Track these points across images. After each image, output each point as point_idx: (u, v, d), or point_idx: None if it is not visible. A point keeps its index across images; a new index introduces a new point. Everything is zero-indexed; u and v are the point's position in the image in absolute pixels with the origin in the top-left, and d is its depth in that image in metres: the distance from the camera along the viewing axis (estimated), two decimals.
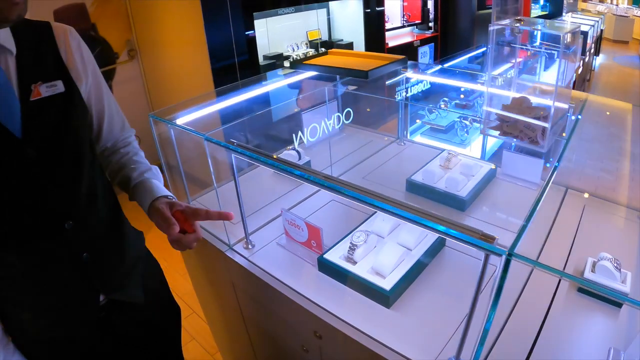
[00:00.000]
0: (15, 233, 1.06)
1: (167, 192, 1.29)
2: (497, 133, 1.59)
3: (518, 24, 1.47)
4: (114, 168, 1.37)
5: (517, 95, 1.61)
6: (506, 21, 1.54)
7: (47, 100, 1.07)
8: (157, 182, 1.33)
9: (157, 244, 4.01)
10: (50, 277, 1.15)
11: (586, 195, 1.84)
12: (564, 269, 1.45)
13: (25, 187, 1.05)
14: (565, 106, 1.73)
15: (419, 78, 2.29)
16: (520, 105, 1.56)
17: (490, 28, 1.58)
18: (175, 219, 1.18)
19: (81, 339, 1.29)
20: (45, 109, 1.06)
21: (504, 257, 0.88)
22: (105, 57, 4.27)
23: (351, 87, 2.36)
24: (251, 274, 1.52)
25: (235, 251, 1.61)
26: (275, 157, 1.32)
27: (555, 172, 1.24)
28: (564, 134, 1.61)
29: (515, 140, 1.53)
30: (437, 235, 1.50)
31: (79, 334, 1.27)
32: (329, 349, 1.39)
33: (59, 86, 1.09)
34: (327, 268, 1.45)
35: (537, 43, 1.97)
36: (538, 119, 1.43)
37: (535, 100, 1.60)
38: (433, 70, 2.49)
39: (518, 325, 1.25)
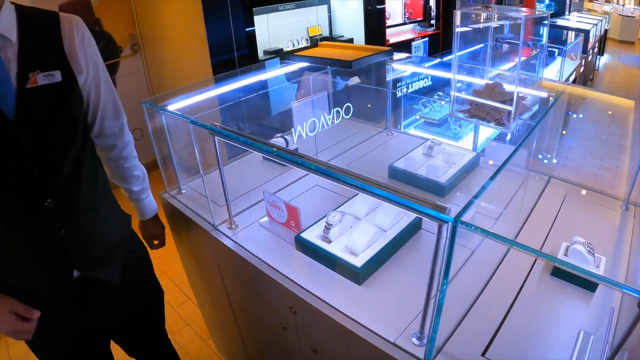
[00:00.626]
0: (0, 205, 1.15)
1: (150, 215, 1.71)
2: (465, 115, 1.64)
3: (483, 10, 1.52)
4: (110, 167, 1.54)
5: (490, 82, 1.65)
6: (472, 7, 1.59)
7: (43, 88, 1.12)
8: (148, 203, 1.68)
9: None
10: (27, 247, 1.23)
11: (569, 184, 1.88)
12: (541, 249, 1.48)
13: (10, 167, 1.12)
14: (543, 94, 1.77)
15: (413, 70, 2.34)
16: (492, 90, 1.61)
17: (456, 11, 1.63)
18: None
19: (57, 313, 1.36)
20: (40, 97, 1.12)
21: (450, 224, 0.93)
22: (109, 51, 4.34)
23: (353, 81, 2.41)
24: (234, 253, 1.58)
25: (220, 231, 1.68)
26: (254, 138, 1.38)
27: (516, 152, 1.29)
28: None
29: (482, 122, 1.58)
30: (412, 217, 1.57)
31: (53, 307, 1.34)
32: (303, 324, 1.45)
33: (57, 76, 1.15)
34: (304, 246, 1.51)
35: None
36: (505, 101, 1.48)
37: (507, 87, 1.64)
38: (431, 63, 2.53)
39: (487, 305, 1.29)
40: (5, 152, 1.10)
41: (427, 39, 6.02)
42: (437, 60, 2.58)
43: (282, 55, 2.33)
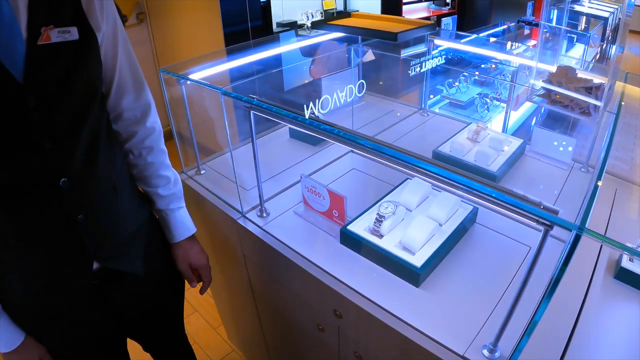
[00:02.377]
0: (7, 186, 0.97)
1: (186, 235, 1.37)
2: (544, 101, 1.46)
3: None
4: (134, 164, 1.29)
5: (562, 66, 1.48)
6: None
7: (57, 46, 0.96)
8: (180, 217, 1.36)
9: None
10: (42, 236, 1.06)
11: (614, 178, 1.72)
12: (599, 254, 1.34)
13: (18, 139, 0.95)
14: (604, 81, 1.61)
15: (451, 46, 2.15)
16: (566, 74, 1.43)
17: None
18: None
19: (72, 308, 1.20)
20: (52, 56, 0.95)
21: (574, 232, 0.75)
22: None
23: (367, 57, 2.23)
24: (265, 243, 1.41)
25: (249, 219, 1.50)
26: (300, 114, 1.20)
27: (609, 152, 1.12)
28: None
29: (564, 110, 1.40)
30: (468, 210, 1.40)
31: (69, 302, 1.18)
32: (348, 329, 1.29)
33: (73, 33, 0.98)
34: (351, 241, 1.33)
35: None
36: (590, 89, 1.30)
37: (582, 74, 1.48)
38: (467, 39, 2.34)
39: (555, 313, 1.13)
40: (12, 120, 0.92)
41: (455, 16, 5.81)
42: (473, 36, 2.39)
43: (312, 25, 2.13)
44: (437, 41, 2.08)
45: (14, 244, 1.04)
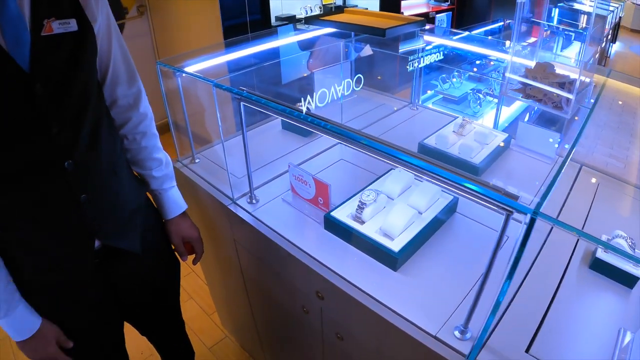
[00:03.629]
0: (16, 168, 1.04)
1: (178, 211, 1.48)
2: (519, 95, 1.52)
3: None
4: (128, 149, 1.37)
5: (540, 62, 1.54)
6: None
7: (59, 37, 1.03)
8: (172, 196, 1.46)
9: None
10: (46, 216, 1.12)
11: (600, 174, 1.77)
12: (576, 244, 1.39)
13: (29, 123, 1.02)
14: (588, 80, 1.66)
15: (441, 43, 2.20)
16: (544, 70, 1.49)
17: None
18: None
19: (75, 285, 1.27)
20: (55, 46, 1.02)
21: (529, 215, 0.82)
22: (114, 12, 4.15)
23: (365, 51, 2.28)
24: (254, 229, 1.47)
25: (239, 205, 1.56)
26: (288, 105, 1.25)
27: (577, 142, 1.18)
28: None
29: (537, 103, 1.46)
30: (448, 199, 1.46)
31: (73, 279, 1.25)
32: (330, 310, 1.35)
33: (72, 24, 1.05)
34: (334, 226, 1.39)
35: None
36: (563, 84, 1.36)
37: (558, 70, 1.54)
38: (460, 36, 2.39)
39: (528, 299, 1.20)
40: (20, 107, 0.99)
41: (449, 12, 5.84)
42: (465, 34, 2.45)
43: (306, 20, 2.18)
44: (427, 37, 2.14)
45: (21, 224, 1.11)
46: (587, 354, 1.06)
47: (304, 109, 1.48)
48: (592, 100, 1.43)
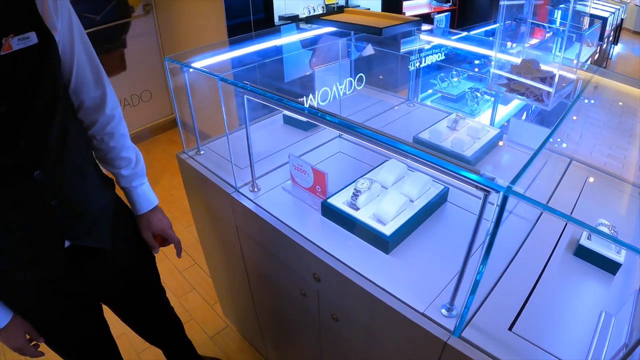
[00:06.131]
0: None
1: (148, 207, 1.52)
2: (503, 90, 1.60)
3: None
4: (94, 147, 1.40)
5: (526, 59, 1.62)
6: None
7: (19, 53, 1.02)
8: (142, 193, 1.50)
9: (164, 197, 4.07)
10: (17, 220, 1.16)
11: (591, 169, 1.84)
12: (561, 233, 1.47)
13: None
14: (573, 76, 1.73)
15: (439, 42, 2.28)
16: (529, 67, 1.57)
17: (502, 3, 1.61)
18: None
19: (49, 282, 1.32)
20: (17, 63, 1.02)
21: (501, 193, 0.90)
22: (121, 10, 4.26)
23: (367, 50, 2.36)
24: (256, 216, 1.55)
25: (241, 193, 1.64)
26: (288, 97, 1.34)
27: (556, 130, 1.26)
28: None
29: (521, 97, 1.54)
30: (439, 189, 1.54)
31: (46, 277, 1.30)
32: (326, 291, 1.43)
33: (32, 38, 1.04)
34: (330, 213, 1.48)
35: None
36: (544, 79, 1.45)
37: (543, 67, 1.61)
38: (457, 37, 2.47)
39: (513, 281, 1.27)
40: None
41: (448, 13, 5.91)
42: (463, 34, 2.52)
43: (306, 19, 2.26)
44: (425, 37, 2.22)
45: None
46: (568, 335, 1.12)
47: (311, 104, 1.56)
48: (580, 94, 1.50)
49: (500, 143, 1.93)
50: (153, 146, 4.64)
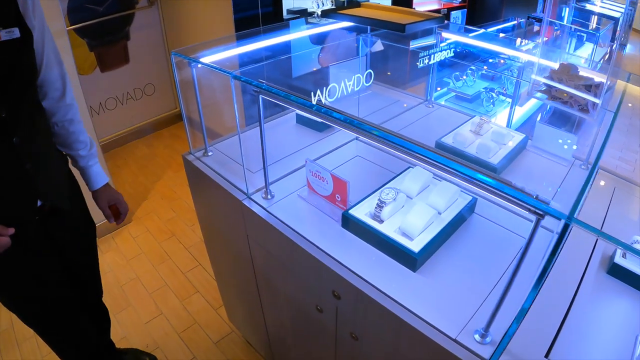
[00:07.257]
0: None
1: (103, 182, 1.76)
2: (544, 97, 1.49)
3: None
4: (55, 132, 1.62)
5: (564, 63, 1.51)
6: None
7: (6, 43, 1.25)
8: (97, 170, 1.74)
9: (166, 194, 3.98)
10: (0, 182, 1.36)
11: (612, 176, 1.74)
12: (593, 249, 1.37)
13: None
14: (611, 83, 1.63)
15: (457, 40, 2.17)
16: (568, 71, 1.46)
17: None
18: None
19: (22, 244, 1.47)
20: (3, 51, 1.24)
21: (563, 221, 0.79)
22: (124, 2, 4.16)
23: (376, 47, 2.25)
24: (269, 225, 1.45)
25: (254, 200, 1.54)
26: (307, 99, 1.23)
27: (603, 150, 1.15)
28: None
29: (563, 106, 1.43)
30: (467, 200, 1.44)
31: (20, 237, 1.44)
32: (346, 309, 1.33)
33: (15, 32, 1.27)
34: (352, 225, 1.37)
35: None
36: (589, 87, 1.34)
37: (584, 72, 1.51)
38: (475, 34, 2.36)
39: (547, 303, 1.18)
40: None
41: (465, 9, 5.80)
42: (481, 31, 2.41)
43: (322, 13, 2.15)
44: (444, 34, 2.10)
45: None
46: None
47: (323, 101, 1.46)
48: (620, 103, 1.40)
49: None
50: (156, 141, 4.55)
